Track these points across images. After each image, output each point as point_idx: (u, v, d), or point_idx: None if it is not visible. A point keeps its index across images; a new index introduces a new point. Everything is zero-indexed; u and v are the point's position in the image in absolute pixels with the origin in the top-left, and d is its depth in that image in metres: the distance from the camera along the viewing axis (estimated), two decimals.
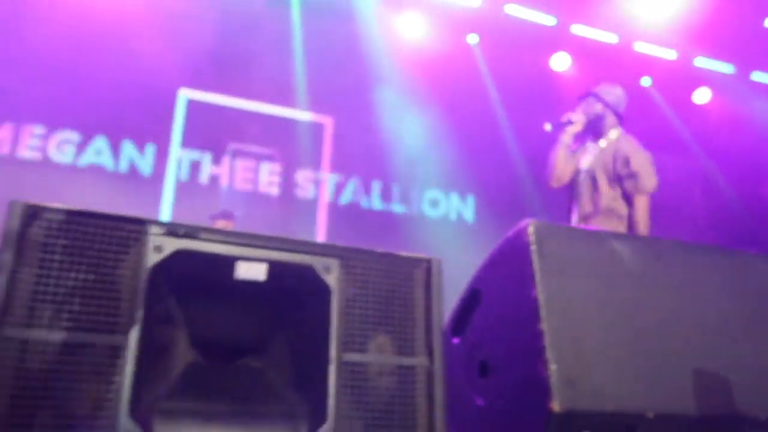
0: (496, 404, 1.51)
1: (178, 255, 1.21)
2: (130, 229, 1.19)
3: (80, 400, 1.10)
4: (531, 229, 1.51)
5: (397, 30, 5.99)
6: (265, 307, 1.34)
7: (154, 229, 1.20)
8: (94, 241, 1.16)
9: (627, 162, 2.88)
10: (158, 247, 1.20)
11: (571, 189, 3.12)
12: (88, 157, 6.06)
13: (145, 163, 6.29)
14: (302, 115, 6.41)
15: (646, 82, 6.72)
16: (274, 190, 6.18)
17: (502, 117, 6.72)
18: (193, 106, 6.44)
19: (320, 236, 6.01)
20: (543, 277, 1.47)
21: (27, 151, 5.90)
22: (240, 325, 1.35)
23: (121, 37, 5.86)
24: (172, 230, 1.21)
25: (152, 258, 1.19)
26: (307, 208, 6.13)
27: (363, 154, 6.11)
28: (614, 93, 3.13)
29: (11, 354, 1.06)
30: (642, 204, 2.85)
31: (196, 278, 1.26)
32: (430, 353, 1.36)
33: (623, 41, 6.40)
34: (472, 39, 6.47)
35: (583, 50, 6.60)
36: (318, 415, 1.25)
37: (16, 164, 5.79)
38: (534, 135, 6.44)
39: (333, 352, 1.29)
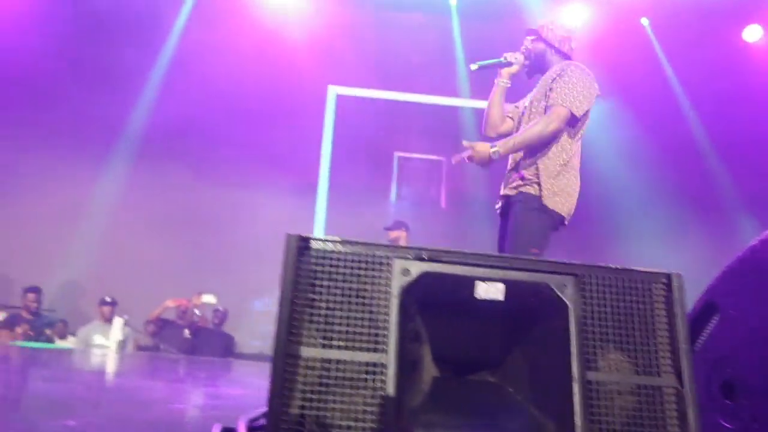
0: (751, 428, 1.39)
1: (424, 277, 1.29)
2: (381, 255, 1.30)
3: (349, 412, 1.22)
4: None
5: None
6: (502, 323, 1.38)
7: (401, 254, 1.30)
8: (353, 266, 1.28)
9: (558, 78, 2.48)
10: (406, 271, 1.29)
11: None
12: None
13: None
14: (476, 104, 6.34)
15: None
16: (443, 197, 6.28)
17: (683, 99, 6.17)
18: (351, 107, 6.75)
19: None
20: None
21: None
22: (478, 342, 1.41)
23: (291, 55, 6.38)
24: (418, 254, 1.30)
25: (401, 281, 1.28)
26: (482, 212, 6.12)
27: None
28: (559, 28, 2.70)
29: (295, 370, 1.21)
30: (547, 114, 2.40)
31: (438, 298, 1.34)
32: (678, 374, 1.29)
33: None
34: (645, 21, 6.03)
35: None
36: None
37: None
38: (725, 117, 5.83)
39: (575, 369, 1.28)
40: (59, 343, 6.07)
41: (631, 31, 5.95)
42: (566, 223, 2.58)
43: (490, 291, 1.31)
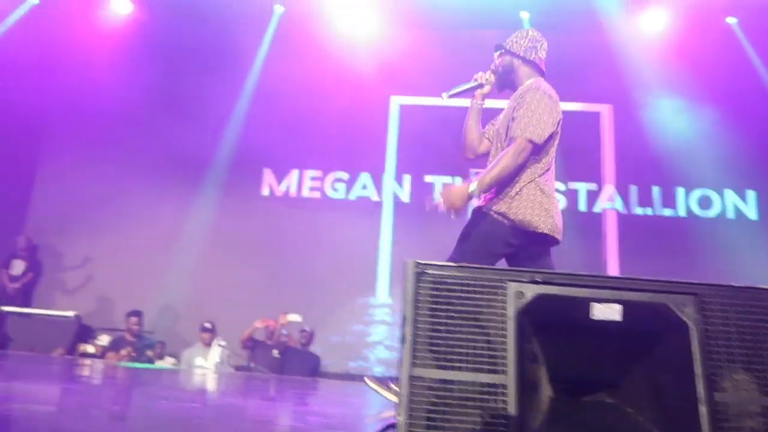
0: None
1: (538, 299, 1.32)
2: (495, 278, 1.34)
3: None
4: None
5: (644, 27, 5.64)
6: (618, 344, 1.37)
7: (515, 277, 1.33)
8: (468, 290, 1.33)
9: (519, 105, 2.37)
10: (520, 293, 1.32)
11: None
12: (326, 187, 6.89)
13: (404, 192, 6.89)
14: (575, 107, 6.13)
15: None
16: None
17: None
18: (418, 120, 6.77)
19: (611, 251, 5.76)
20: None
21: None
22: (594, 362, 1.41)
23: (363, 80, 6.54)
24: (532, 277, 1.33)
25: (517, 303, 1.31)
26: (578, 221, 5.93)
27: (638, 158, 5.81)
28: (524, 38, 2.55)
29: (419, 390, 1.27)
30: (513, 147, 2.30)
31: (552, 319, 1.36)
32: None
33: None
34: (732, 20, 5.76)
35: None
36: None
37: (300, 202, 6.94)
38: None
39: (701, 390, 1.26)
40: (158, 364, 6.44)
41: (717, 32, 5.70)
42: (558, 239, 2.45)
43: (607, 312, 1.32)
